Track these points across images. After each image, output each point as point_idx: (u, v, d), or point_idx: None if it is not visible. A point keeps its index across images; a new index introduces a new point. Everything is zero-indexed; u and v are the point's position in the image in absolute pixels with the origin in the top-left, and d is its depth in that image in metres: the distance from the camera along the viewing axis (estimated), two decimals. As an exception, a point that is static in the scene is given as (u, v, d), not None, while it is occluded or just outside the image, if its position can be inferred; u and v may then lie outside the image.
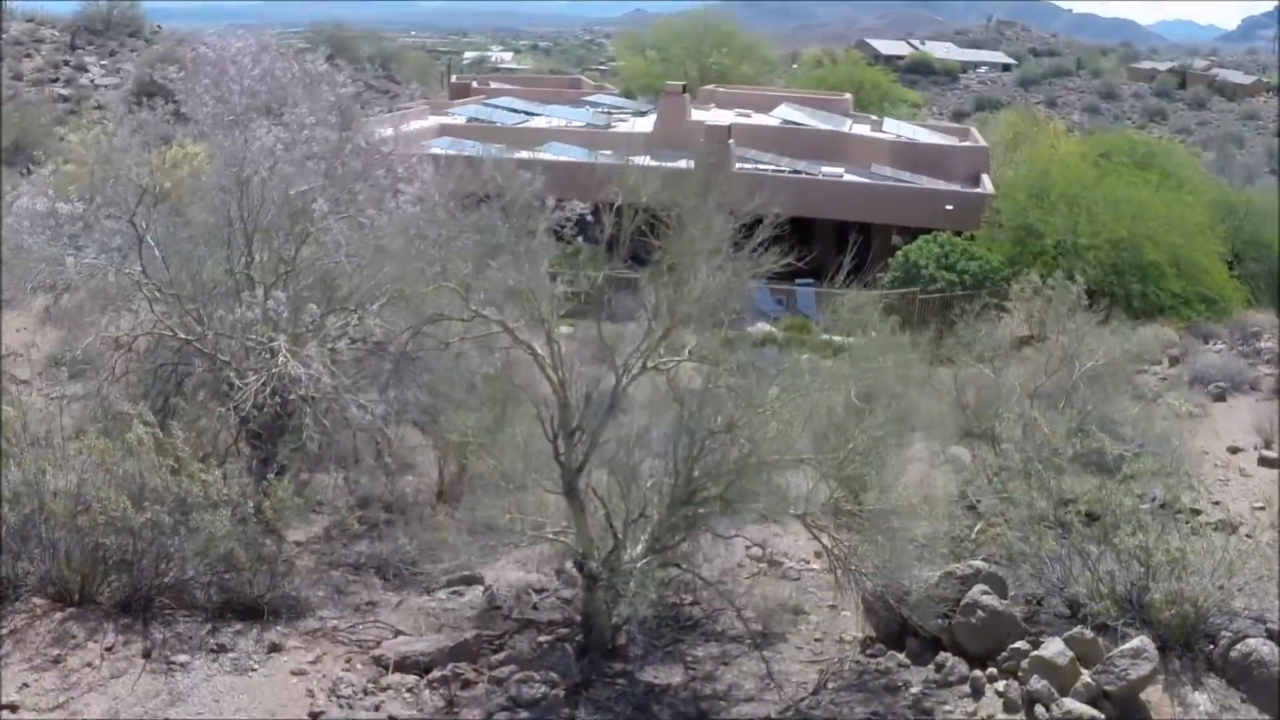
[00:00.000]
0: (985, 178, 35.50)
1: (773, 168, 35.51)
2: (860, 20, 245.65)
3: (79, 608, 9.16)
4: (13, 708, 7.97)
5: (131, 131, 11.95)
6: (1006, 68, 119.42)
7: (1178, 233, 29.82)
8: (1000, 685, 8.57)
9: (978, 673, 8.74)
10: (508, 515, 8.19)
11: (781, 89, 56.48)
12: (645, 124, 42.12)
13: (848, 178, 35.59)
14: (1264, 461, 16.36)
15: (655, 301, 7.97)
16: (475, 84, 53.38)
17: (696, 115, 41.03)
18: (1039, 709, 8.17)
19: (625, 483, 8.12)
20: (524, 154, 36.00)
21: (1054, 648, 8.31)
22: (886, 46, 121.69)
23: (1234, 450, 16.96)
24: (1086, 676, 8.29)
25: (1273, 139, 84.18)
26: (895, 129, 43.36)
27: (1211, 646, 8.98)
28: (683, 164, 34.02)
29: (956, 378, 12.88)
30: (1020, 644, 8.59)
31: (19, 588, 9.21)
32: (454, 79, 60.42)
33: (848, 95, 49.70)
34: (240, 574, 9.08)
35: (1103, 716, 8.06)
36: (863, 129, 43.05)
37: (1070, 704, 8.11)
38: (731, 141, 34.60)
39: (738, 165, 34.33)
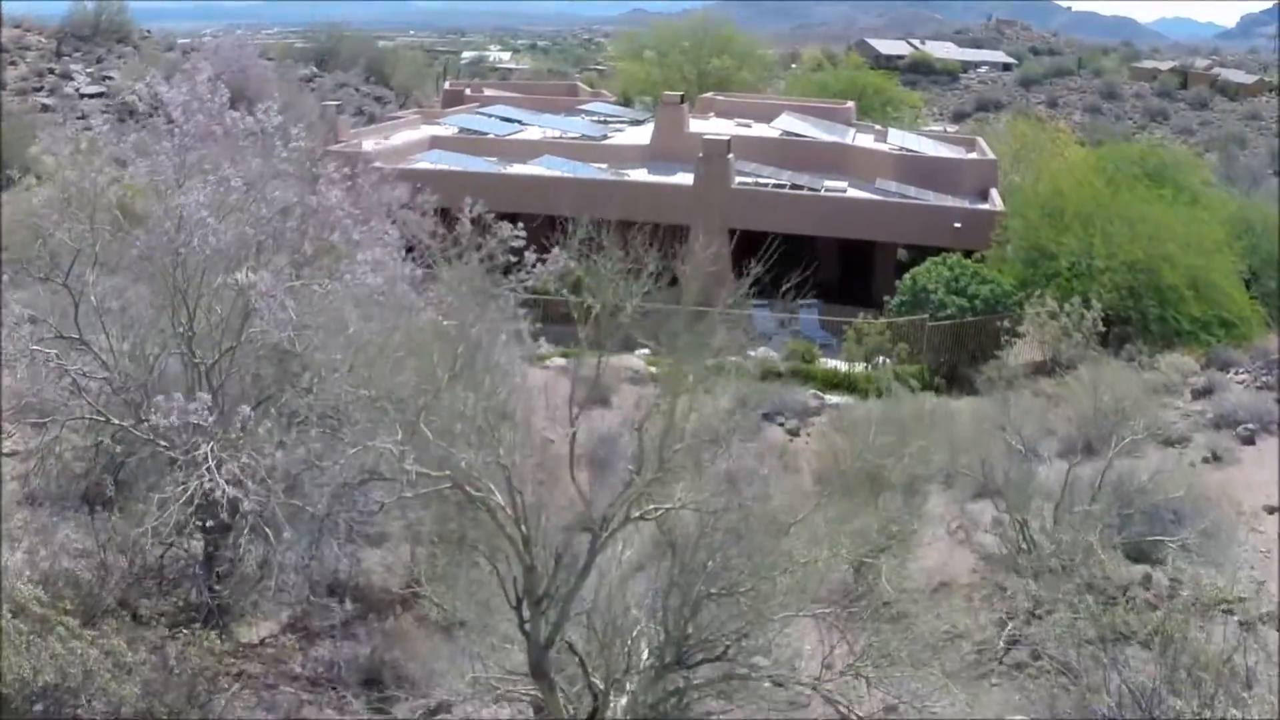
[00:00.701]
0: (994, 192, 34.23)
1: (773, 182, 34.28)
2: (860, 20, 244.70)
3: (-15, 752, 8.00)
4: None
5: (67, 189, 10.75)
6: (1007, 67, 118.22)
7: (1195, 252, 28.52)
8: None
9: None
10: (468, 676, 7.00)
11: (782, 97, 55.20)
12: (642, 134, 40.89)
13: (851, 193, 34.36)
14: (1303, 523, 15.21)
15: (639, 447, 6.76)
16: (469, 91, 52.11)
17: (695, 125, 39.83)
18: None
19: (606, 638, 6.91)
20: (517, 167, 35.06)
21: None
22: (886, 46, 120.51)
23: (1271, 510, 15.77)
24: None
25: (1275, 139, 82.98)
26: (900, 140, 42.06)
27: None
28: (680, 179, 32.98)
29: (982, 464, 11.65)
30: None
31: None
32: (448, 84, 59.08)
33: (850, 103, 48.38)
34: None
35: None
36: (866, 139, 41.83)
37: None
38: (731, 155, 33.36)
39: (738, 180, 33.14)
